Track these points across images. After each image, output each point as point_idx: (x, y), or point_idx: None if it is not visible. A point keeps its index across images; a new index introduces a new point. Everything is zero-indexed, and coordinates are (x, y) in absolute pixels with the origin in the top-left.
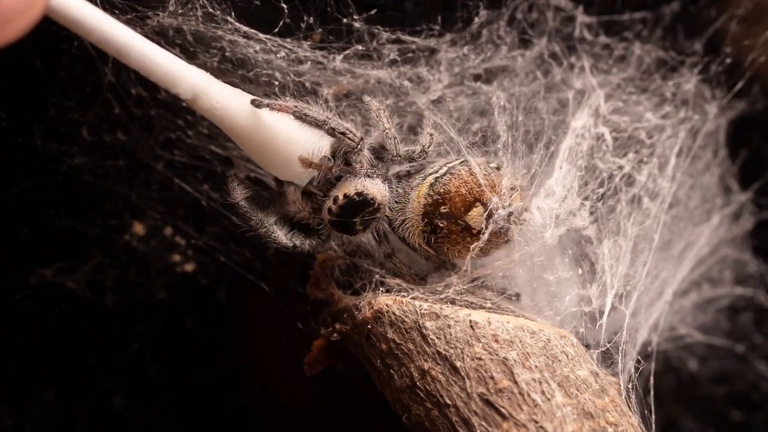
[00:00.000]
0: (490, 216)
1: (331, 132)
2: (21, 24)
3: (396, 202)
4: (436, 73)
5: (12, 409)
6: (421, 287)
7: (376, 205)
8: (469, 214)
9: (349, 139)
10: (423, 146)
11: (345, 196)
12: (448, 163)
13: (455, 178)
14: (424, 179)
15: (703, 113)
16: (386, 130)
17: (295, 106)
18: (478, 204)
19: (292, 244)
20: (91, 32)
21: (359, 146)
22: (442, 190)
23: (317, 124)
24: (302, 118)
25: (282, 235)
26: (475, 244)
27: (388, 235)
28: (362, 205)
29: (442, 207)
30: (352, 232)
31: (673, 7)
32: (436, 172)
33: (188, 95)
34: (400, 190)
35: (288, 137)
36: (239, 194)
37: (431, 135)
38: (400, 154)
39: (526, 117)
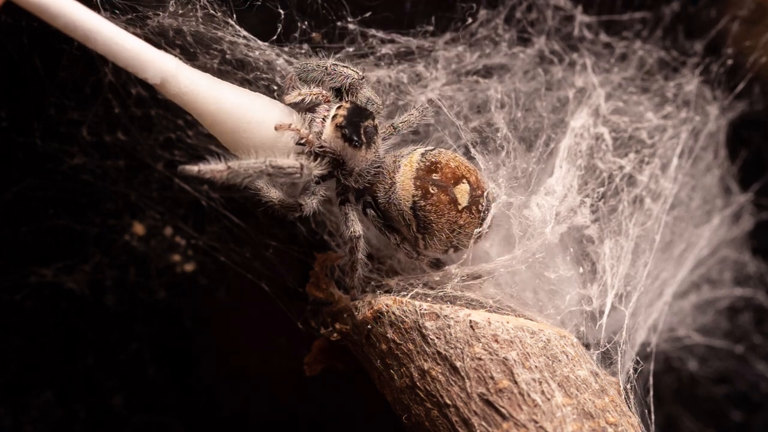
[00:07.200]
0: (488, 201)
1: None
2: None
3: (382, 169)
4: (433, 71)
5: (11, 409)
6: (419, 280)
7: (375, 122)
8: (458, 187)
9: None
10: (393, 122)
11: (350, 101)
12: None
13: (443, 154)
14: (415, 149)
15: (704, 114)
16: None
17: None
18: (464, 181)
19: (299, 164)
20: (56, 17)
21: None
22: (434, 159)
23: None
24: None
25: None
26: (479, 229)
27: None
28: (366, 112)
29: (434, 174)
30: (356, 138)
31: (673, 7)
32: (425, 146)
33: (156, 80)
34: (388, 156)
35: (259, 120)
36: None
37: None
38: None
39: (525, 115)
